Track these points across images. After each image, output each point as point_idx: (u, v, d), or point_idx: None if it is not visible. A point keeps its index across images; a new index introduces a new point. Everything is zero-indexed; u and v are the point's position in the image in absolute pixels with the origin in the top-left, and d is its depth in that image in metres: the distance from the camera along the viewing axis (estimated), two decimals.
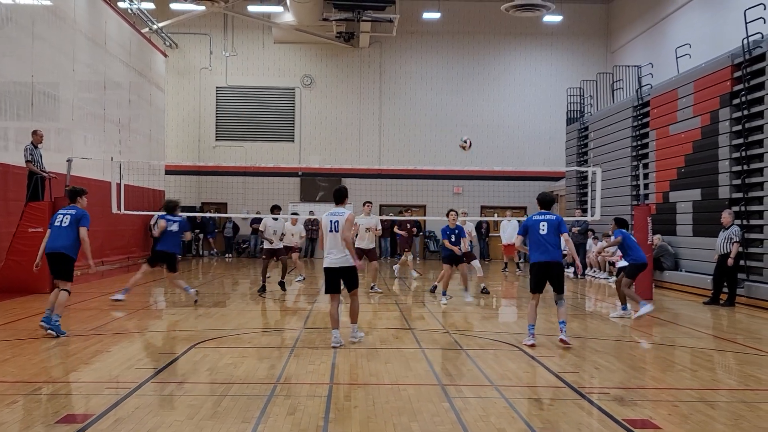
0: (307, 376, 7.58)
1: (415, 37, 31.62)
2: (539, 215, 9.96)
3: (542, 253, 9.70)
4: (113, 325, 11.00)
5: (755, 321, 12.65)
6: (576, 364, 8.47)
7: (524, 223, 10.08)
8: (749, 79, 15.66)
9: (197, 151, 31.16)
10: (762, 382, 7.67)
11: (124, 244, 23.32)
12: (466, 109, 31.72)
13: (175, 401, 6.49)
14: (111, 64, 22.11)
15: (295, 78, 31.69)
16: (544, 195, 10.43)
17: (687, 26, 23.68)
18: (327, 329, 10.77)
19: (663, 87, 20.14)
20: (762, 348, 9.80)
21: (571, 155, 27.03)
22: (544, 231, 9.71)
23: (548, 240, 9.69)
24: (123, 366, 7.94)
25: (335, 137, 31.57)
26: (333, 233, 9.19)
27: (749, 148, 15.62)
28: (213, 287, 17.92)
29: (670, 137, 19.23)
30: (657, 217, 18.23)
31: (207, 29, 31.17)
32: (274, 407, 6.27)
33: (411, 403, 6.45)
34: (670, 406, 6.51)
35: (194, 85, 31.42)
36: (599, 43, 31.74)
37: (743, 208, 15.56)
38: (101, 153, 20.15)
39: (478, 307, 13.90)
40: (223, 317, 12.12)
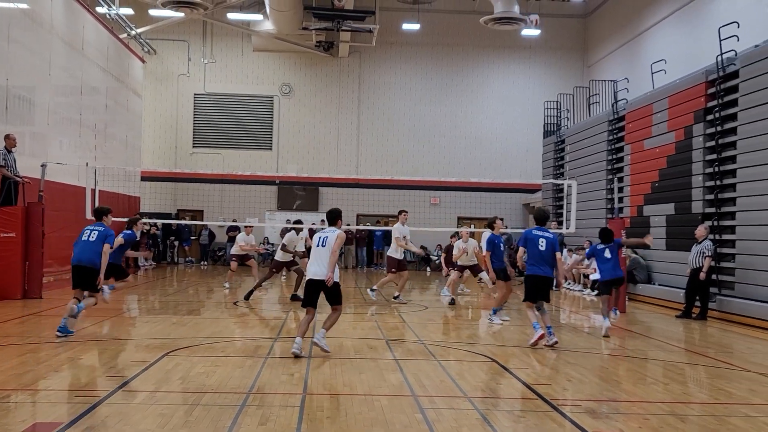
0: (280, 386, 7.55)
1: (395, 47, 31.74)
2: (539, 230, 10.60)
3: (539, 267, 10.43)
4: (85, 332, 10.87)
5: (727, 335, 12.79)
6: (549, 376, 8.51)
7: (524, 236, 10.70)
8: (723, 96, 15.88)
9: (174, 157, 30.99)
10: (732, 396, 7.75)
11: None
12: (444, 120, 31.87)
13: (146, 410, 6.43)
14: (88, 69, 21.95)
15: (273, 86, 31.66)
16: (541, 211, 11.11)
17: (662, 42, 24.00)
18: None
19: (638, 102, 20.37)
20: (733, 362, 9.91)
21: (548, 168, 27.22)
22: (543, 248, 10.41)
23: (545, 257, 10.41)
24: (94, 374, 7.86)
25: (313, 146, 31.55)
26: (319, 248, 9.42)
27: (722, 163, 15.83)
28: (187, 295, 17.80)
29: (644, 152, 19.44)
30: (631, 231, 18.37)
31: (186, 36, 31.08)
32: (246, 417, 6.23)
33: (384, 414, 6.44)
34: (641, 419, 6.55)
35: (172, 91, 31.27)
36: (576, 57, 32.06)
37: (716, 223, 15.75)
38: (76, 158, 19.97)
39: (453, 319, 13.92)
40: (196, 326, 12.04)
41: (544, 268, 10.44)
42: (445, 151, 31.67)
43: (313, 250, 9.52)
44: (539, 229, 10.65)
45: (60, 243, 19.05)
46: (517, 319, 13.94)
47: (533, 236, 10.50)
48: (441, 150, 31.69)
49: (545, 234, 10.53)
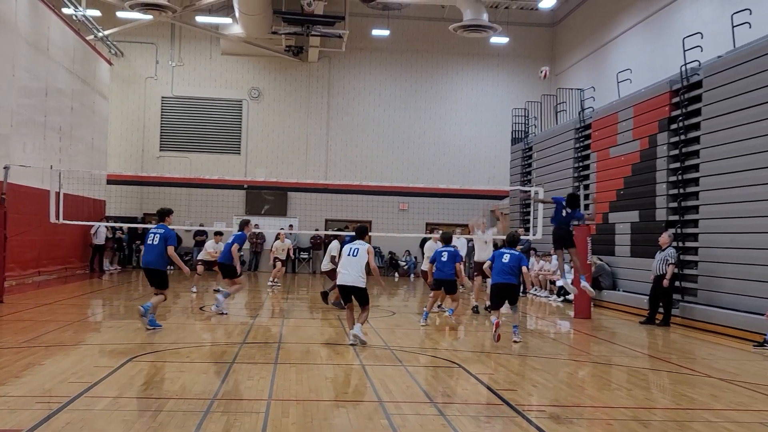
0: (245, 391, 7.50)
1: (364, 53, 31.77)
2: (506, 250, 11.97)
3: (502, 276, 11.65)
4: (47, 337, 10.71)
5: (689, 341, 12.98)
6: (514, 382, 8.56)
7: (493, 254, 12.30)
8: (686, 105, 16.14)
9: (141, 161, 30.65)
10: (694, 401, 7.86)
11: (62, 255, 22.81)
12: (413, 126, 31.97)
13: (108, 416, 6.34)
14: (53, 71, 21.67)
15: (242, 90, 31.49)
16: (512, 236, 12.66)
17: (628, 52, 24.34)
18: (268, 344, 10.72)
19: (604, 110, 20.62)
20: (695, 368, 10.05)
21: (515, 174, 27.43)
22: (507, 260, 11.69)
23: (510, 267, 11.65)
24: (56, 380, 7.73)
25: (282, 151, 31.43)
26: (350, 257, 10.87)
27: (686, 172, 16.08)
28: None
29: (610, 159, 19.67)
30: (596, 238, 18.59)
31: (154, 38, 30.79)
32: (210, 423, 6.18)
33: (349, 420, 6.43)
34: (604, 425, 6.62)
35: (139, 94, 30.96)
36: (544, 66, 32.31)
37: (679, 230, 15.98)
38: (41, 161, 19.69)
39: (420, 324, 13.94)
40: (161, 331, 11.91)
41: (507, 277, 11.63)
42: (413, 157, 31.75)
43: (345, 258, 10.92)
44: (507, 249, 11.99)
45: (22, 246, 18.79)
46: (483, 326, 14.01)
47: (499, 253, 11.93)
48: (410, 156, 31.77)
49: (511, 251, 11.89)
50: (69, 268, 23.40)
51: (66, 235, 22.64)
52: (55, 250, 21.99)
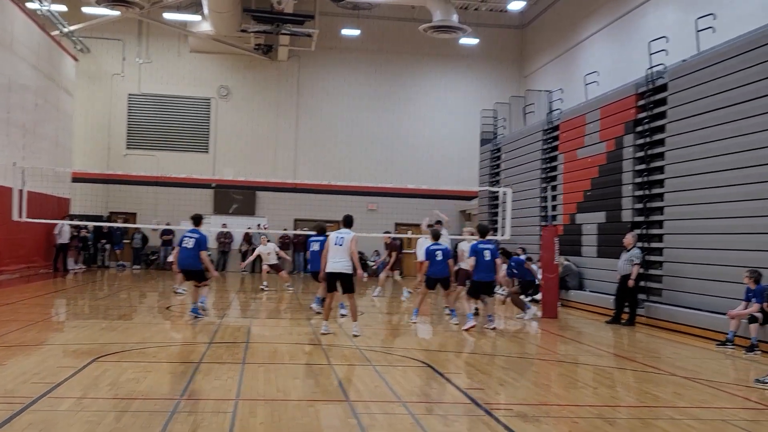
0: (212, 391, 7.44)
1: (334, 52, 31.71)
2: (484, 243, 13.09)
3: (486, 273, 13.05)
4: (9, 337, 10.52)
5: (654, 340, 13.14)
6: (482, 381, 8.60)
7: (473, 248, 13.24)
8: (652, 108, 16.34)
9: (107, 158, 30.23)
10: (659, 399, 7.96)
11: (25, 253, 22.44)
12: (383, 126, 31.97)
13: (71, 417, 6.25)
14: (17, 66, 21.31)
15: (211, 88, 31.24)
16: (483, 227, 13.77)
17: (595, 55, 24.59)
18: (236, 344, 10.65)
19: (572, 112, 20.81)
20: (660, 366, 10.18)
21: (484, 175, 27.56)
22: (488, 257, 12.92)
23: (490, 264, 12.98)
24: (18, 380, 7.60)
25: (251, 150, 31.22)
26: (337, 246, 11.47)
27: (651, 173, 16.28)
28: (118, 300, 17.40)
29: (577, 161, 19.85)
30: (564, 238, 18.75)
31: (120, 35, 30.41)
32: (177, 424, 6.12)
33: (318, 420, 6.41)
34: (570, 423, 6.68)
35: (105, 91, 30.56)
36: (513, 68, 32.58)
37: (645, 231, 16.18)
38: (3, 157, 19.36)
39: (388, 324, 13.96)
40: (127, 330, 11.78)
41: (489, 273, 13.04)
42: (382, 158, 31.75)
43: (332, 247, 11.51)
44: (484, 242, 13.08)
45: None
46: (453, 325, 14.05)
47: (480, 249, 12.97)
48: (379, 156, 31.76)
49: (488, 246, 13.03)
50: (32, 267, 23.03)
51: (29, 234, 22.27)
52: (18, 249, 21.62)
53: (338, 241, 11.52)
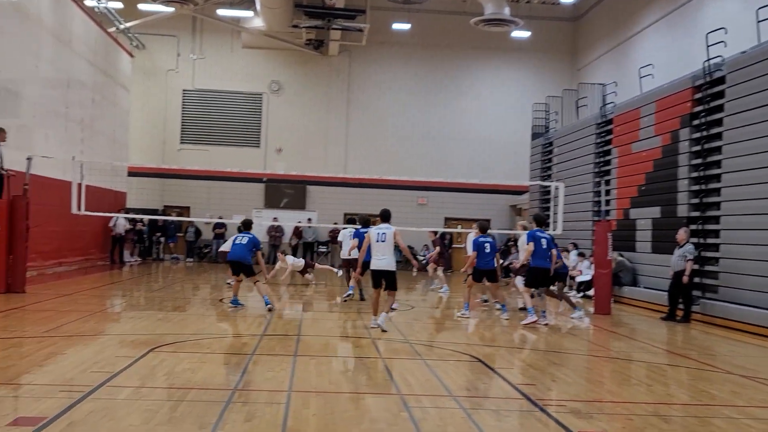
0: (265, 383, 7.54)
1: (385, 47, 31.72)
2: (541, 232, 13.15)
3: (543, 260, 13.05)
4: (69, 327, 10.81)
5: (709, 338, 12.88)
6: (534, 377, 8.54)
7: (530, 235, 13.18)
8: (709, 101, 15.99)
9: (161, 153, 30.81)
10: (715, 398, 7.81)
11: (83, 246, 23.01)
12: (433, 121, 31.89)
13: (130, 406, 6.40)
14: (75, 63, 21.83)
15: (262, 83, 31.55)
16: (540, 216, 13.92)
17: (651, 47, 24.13)
18: (288, 336, 10.76)
19: (626, 105, 20.47)
20: (716, 364, 9.98)
21: (535, 170, 27.29)
22: (545, 246, 13.03)
23: (547, 252, 13.09)
24: (77, 369, 7.81)
25: (302, 144, 31.46)
26: (379, 243, 11.32)
27: (707, 168, 15.94)
28: (173, 292, 17.73)
29: (631, 155, 19.54)
30: (617, 233, 18.47)
31: (175, 31, 30.91)
32: (232, 414, 6.22)
33: (369, 413, 6.45)
34: (624, 420, 6.59)
35: (160, 87, 31.11)
36: (566, 60, 32.17)
37: (700, 227, 15.86)
38: (62, 152, 19.84)
39: (439, 318, 13.95)
40: (181, 322, 12.00)
41: (546, 262, 13.06)
42: (433, 152, 31.68)
43: (374, 244, 11.34)
44: (541, 231, 13.18)
45: (44, 237, 18.98)
46: (504, 321, 13.98)
47: (538, 236, 13.00)
48: (429, 150, 31.70)
49: (545, 234, 13.19)
50: (90, 259, 23.60)
51: (87, 227, 22.84)
52: (76, 241, 22.19)
53: (380, 238, 11.33)
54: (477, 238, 14.05)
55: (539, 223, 13.65)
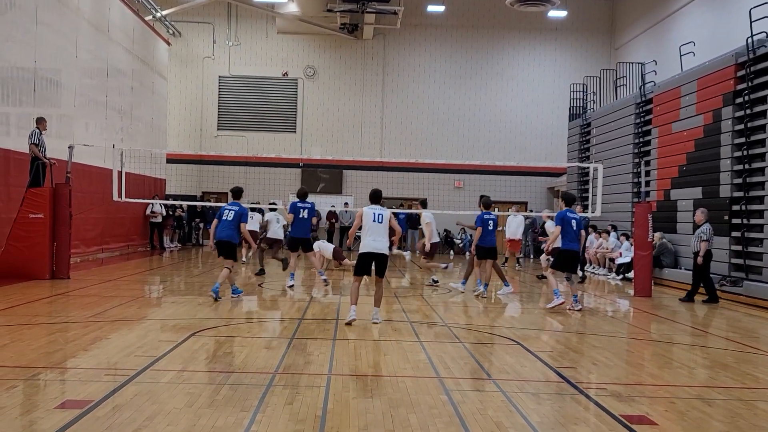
0: (305, 366, 7.60)
1: (419, 30, 31.56)
2: (570, 213, 12.63)
3: (573, 243, 12.57)
4: (112, 312, 11.01)
5: (754, 320, 12.67)
6: (574, 360, 8.49)
7: (559, 216, 12.67)
8: (752, 78, 15.64)
9: (199, 140, 31.12)
10: (760, 380, 7.68)
11: (125, 232, 23.36)
12: (468, 103, 31.69)
13: (173, 389, 6.50)
14: (114, 51, 22.08)
15: (298, 69, 31.62)
16: (569, 195, 13.18)
17: (691, 24, 23.65)
18: (326, 320, 10.83)
19: (666, 85, 20.12)
20: (760, 347, 9.82)
21: (573, 151, 27.01)
22: (574, 227, 12.53)
23: (576, 234, 12.60)
24: (122, 353, 7.95)
25: (337, 129, 31.51)
26: (376, 224, 10.54)
27: (751, 147, 15.62)
28: (213, 276, 17.91)
29: (672, 135, 19.22)
30: (658, 215, 18.23)
31: (210, 18, 31.10)
32: (273, 397, 6.29)
33: (409, 396, 6.46)
34: (667, 403, 6.52)
35: (197, 74, 31.36)
36: (603, 40, 31.67)
37: (744, 207, 15.56)
38: (102, 140, 20.13)
39: (476, 301, 13.91)
40: (222, 306, 12.14)
41: (575, 244, 12.61)
42: (469, 134, 31.52)
43: (371, 225, 10.48)
44: (571, 211, 12.68)
45: (86, 224, 19.32)
46: (541, 302, 13.91)
47: (568, 218, 12.51)
48: (465, 133, 31.53)
49: (575, 216, 12.60)
50: (131, 245, 23.97)
51: (128, 213, 23.19)
52: (118, 228, 22.54)
53: (378, 218, 10.52)
54: (482, 214, 14.31)
55: (568, 203, 13.03)
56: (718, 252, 16.36)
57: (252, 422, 5.54)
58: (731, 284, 15.35)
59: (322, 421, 5.62)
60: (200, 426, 5.39)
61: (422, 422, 5.67)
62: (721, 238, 16.34)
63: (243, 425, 5.46)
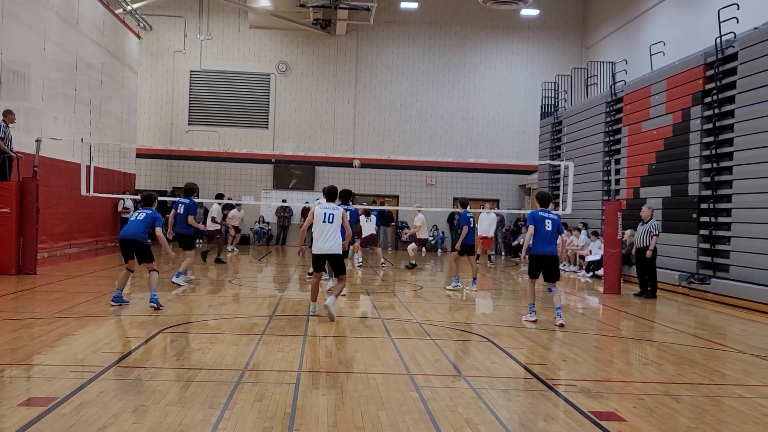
0: (275, 363, 7.54)
1: (392, 26, 31.54)
2: (544, 212, 10.98)
3: (546, 245, 10.79)
4: (80, 308, 10.86)
5: (721, 317, 12.83)
6: (543, 356, 8.53)
7: (531, 216, 11.04)
8: (721, 78, 15.84)
9: (169, 135, 30.83)
10: (726, 377, 7.77)
11: (93, 227, 23.06)
12: (441, 101, 31.74)
13: (141, 386, 6.42)
14: (83, 44, 21.76)
15: (270, 64, 31.45)
16: (544, 194, 11.54)
17: (661, 24, 23.89)
18: (297, 317, 10.76)
19: (636, 84, 20.31)
20: (727, 344, 9.94)
21: (545, 149, 27.18)
22: (549, 228, 10.81)
23: (550, 236, 10.83)
24: (89, 349, 7.84)
25: (310, 125, 31.40)
26: (326, 224, 10.37)
27: (719, 146, 15.81)
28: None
29: (642, 134, 19.41)
30: (627, 213, 18.38)
31: (182, 12, 30.82)
32: (242, 394, 6.23)
33: (379, 392, 6.44)
34: (635, 399, 6.57)
35: (168, 68, 31.05)
36: (575, 39, 31.90)
37: (712, 206, 15.76)
38: (71, 134, 19.85)
39: (448, 298, 13.93)
40: (191, 303, 12.03)
41: (550, 247, 10.85)
42: (441, 132, 31.58)
43: (321, 225, 10.35)
44: (544, 211, 11.04)
45: (54, 219, 19.04)
46: (512, 299, 13.97)
47: (540, 218, 10.86)
48: (438, 130, 31.60)
49: (550, 215, 10.94)
50: (99, 240, 23.67)
51: (96, 208, 22.89)
52: (86, 223, 22.24)
53: (328, 218, 10.37)
54: (465, 212, 14.95)
55: (543, 203, 11.36)
56: (687, 250, 16.58)
57: (220, 419, 5.48)
58: (699, 282, 15.54)
59: (291, 418, 5.58)
60: (167, 423, 5.32)
61: (392, 419, 5.65)
62: (689, 236, 16.56)
63: (211, 423, 5.40)
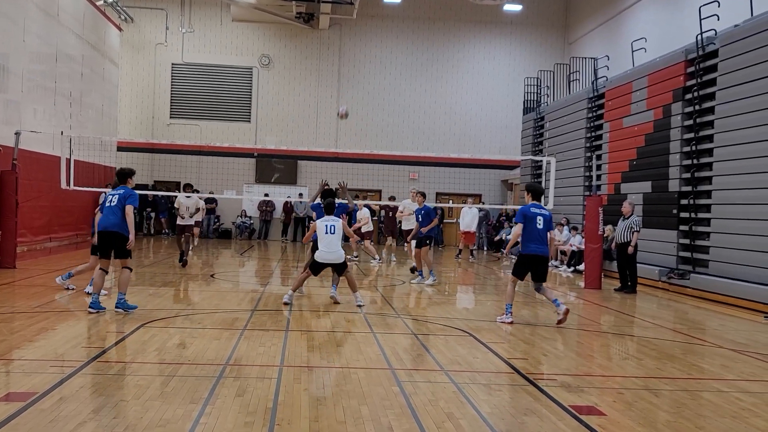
0: (257, 357, 7.53)
1: (376, 20, 31.49)
2: (536, 208, 10.31)
3: (538, 245, 10.21)
4: (59, 302, 10.78)
5: (700, 312, 12.95)
6: (525, 351, 8.57)
7: (522, 212, 10.32)
8: (702, 75, 15.95)
9: (151, 128, 30.64)
10: (705, 371, 7.85)
11: (73, 221, 22.85)
12: (424, 95, 31.75)
13: (121, 381, 6.39)
14: (63, 36, 21.53)
15: (252, 57, 31.30)
16: (536, 187, 10.83)
17: (643, 21, 24.02)
18: (278, 311, 10.75)
19: (618, 80, 20.41)
20: (706, 338, 10.04)
21: (527, 144, 27.27)
22: (541, 226, 10.21)
23: (542, 234, 10.23)
24: (69, 344, 7.78)
25: (292, 119, 31.30)
26: (329, 235, 11.05)
27: (699, 142, 15.94)
28: (164, 267, 17.67)
29: (623, 129, 19.52)
30: (609, 208, 18.50)
31: (164, 4, 30.60)
32: (223, 388, 6.22)
33: (361, 387, 6.45)
34: (615, 394, 6.63)
35: (149, 61, 30.83)
36: (557, 34, 32.00)
37: (692, 201, 15.88)
38: (51, 127, 19.65)
39: (430, 293, 13.96)
40: (172, 297, 11.97)
41: (542, 247, 10.23)
42: (424, 126, 31.59)
43: (325, 237, 11.01)
44: (536, 206, 10.35)
45: (34, 213, 18.84)
46: (494, 294, 14.03)
47: (531, 214, 10.19)
48: (420, 125, 31.61)
49: (542, 211, 10.29)
50: (80, 234, 23.47)
51: (77, 202, 22.66)
52: (66, 217, 22.03)
53: (330, 230, 11.15)
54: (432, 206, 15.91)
55: (535, 196, 10.60)
56: (667, 245, 16.72)
57: (201, 414, 5.47)
58: (679, 277, 15.66)
59: (272, 413, 5.57)
60: (147, 418, 5.30)
61: (374, 413, 5.65)
62: (670, 232, 16.69)
63: (192, 417, 5.39)
